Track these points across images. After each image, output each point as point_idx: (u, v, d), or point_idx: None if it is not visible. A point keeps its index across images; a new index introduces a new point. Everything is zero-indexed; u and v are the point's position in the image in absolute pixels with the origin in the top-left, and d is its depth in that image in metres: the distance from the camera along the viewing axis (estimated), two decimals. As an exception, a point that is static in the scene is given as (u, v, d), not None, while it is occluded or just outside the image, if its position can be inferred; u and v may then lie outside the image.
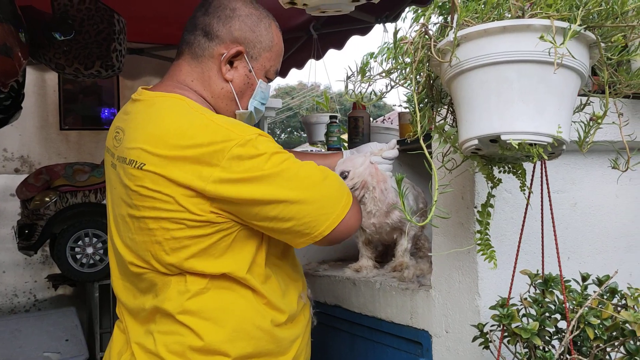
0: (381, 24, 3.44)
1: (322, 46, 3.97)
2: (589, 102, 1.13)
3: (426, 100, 1.13)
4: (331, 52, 4.36)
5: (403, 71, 1.08)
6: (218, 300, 1.30)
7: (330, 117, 2.82)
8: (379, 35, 3.38)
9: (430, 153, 1.33)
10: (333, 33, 3.82)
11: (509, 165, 1.14)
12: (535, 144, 0.97)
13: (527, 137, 0.96)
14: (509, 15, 1.01)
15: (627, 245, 1.61)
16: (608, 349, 1.09)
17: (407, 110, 2.65)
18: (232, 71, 1.39)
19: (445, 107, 1.20)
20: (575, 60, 0.95)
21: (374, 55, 1.15)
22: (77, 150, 4.82)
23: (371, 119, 2.87)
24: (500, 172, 1.15)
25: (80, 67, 2.64)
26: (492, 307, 1.20)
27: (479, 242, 1.13)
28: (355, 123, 2.59)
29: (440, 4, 1.02)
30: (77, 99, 4.87)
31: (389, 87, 1.09)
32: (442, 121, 1.16)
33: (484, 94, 0.98)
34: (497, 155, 1.08)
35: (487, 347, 1.24)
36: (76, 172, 3.90)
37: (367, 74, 1.04)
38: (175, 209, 1.22)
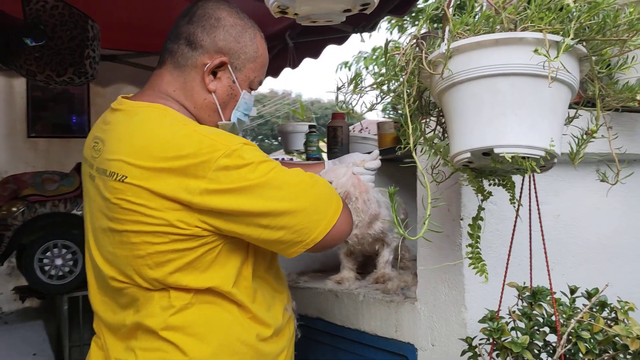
0: (358, 34, 3.45)
1: (298, 55, 3.96)
2: (577, 115, 1.13)
3: (416, 112, 1.11)
4: (306, 61, 4.35)
5: (393, 82, 1.06)
6: (203, 316, 1.27)
7: (310, 126, 2.80)
8: (356, 44, 3.38)
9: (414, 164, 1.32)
10: (309, 42, 3.80)
11: (499, 178, 1.13)
12: (527, 157, 0.96)
13: (520, 151, 0.95)
14: (499, 28, 1.01)
15: (608, 257, 1.62)
16: (598, 363, 1.09)
17: (386, 119, 2.65)
18: (215, 82, 1.35)
19: (434, 119, 1.19)
20: (567, 74, 0.95)
21: (348, 64, 1.14)
22: (45, 159, 4.70)
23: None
24: (490, 184, 1.14)
25: (52, 74, 2.56)
26: (482, 321, 1.19)
27: (470, 255, 1.12)
28: (334, 133, 2.57)
29: (431, 15, 1.00)
30: (46, 106, 4.75)
31: (378, 98, 1.07)
32: (432, 133, 1.14)
33: (477, 107, 0.98)
34: (489, 168, 1.08)
35: (475, 361, 1.23)
36: (45, 181, 3.80)
37: (359, 85, 1.02)
38: (159, 222, 1.18)
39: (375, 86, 1.03)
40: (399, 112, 1.07)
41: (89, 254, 1.37)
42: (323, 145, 2.89)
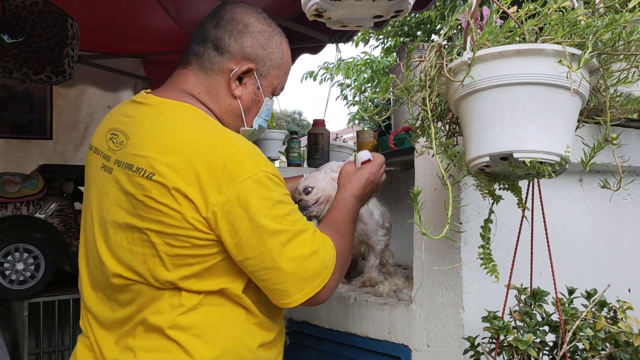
0: (334, 44, 3.50)
1: (271, 62, 3.96)
2: (580, 125, 1.20)
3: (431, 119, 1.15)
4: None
5: (413, 90, 1.10)
6: (211, 317, 1.25)
7: (291, 132, 2.83)
8: (331, 52, 3.43)
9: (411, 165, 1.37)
10: (283, 50, 3.82)
11: (508, 183, 1.18)
12: (544, 162, 1.02)
13: (538, 156, 1.00)
14: (518, 40, 1.06)
15: (590, 262, 1.71)
16: None
17: (365, 129, 2.70)
18: (240, 88, 1.36)
19: (445, 125, 1.23)
20: (582, 85, 1.01)
21: (313, 74, 1.17)
22: (3, 160, 4.52)
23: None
24: (500, 188, 1.19)
25: (29, 72, 2.49)
26: (485, 320, 1.24)
27: (481, 256, 1.17)
28: (315, 139, 2.60)
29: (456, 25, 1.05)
30: (6, 106, 4.59)
31: (397, 105, 1.11)
32: (446, 138, 1.19)
33: (499, 114, 1.03)
34: (502, 173, 1.13)
35: (477, 359, 1.27)
36: (6, 183, 3.66)
37: (388, 90, 1.06)
38: (182, 225, 1.17)
39: (399, 91, 1.07)
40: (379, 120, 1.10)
41: (90, 247, 1.33)
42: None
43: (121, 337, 1.29)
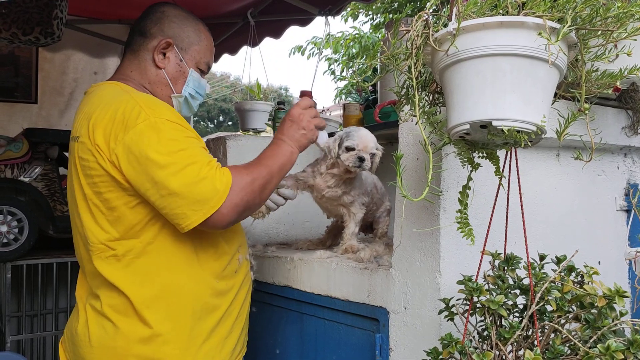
0: (323, 17, 3.50)
1: (259, 34, 3.96)
2: (557, 98, 1.25)
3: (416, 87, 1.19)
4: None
5: (399, 58, 1.14)
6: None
7: (279, 103, 2.85)
8: (319, 26, 3.43)
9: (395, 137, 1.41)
10: (271, 21, 3.82)
11: (487, 151, 1.24)
12: (521, 131, 1.07)
13: (516, 125, 1.05)
14: (501, 12, 1.11)
15: (564, 234, 1.78)
16: (562, 321, 1.22)
17: (351, 102, 2.73)
18: (164, 60, 1.65)
19: (429, 94, 1.28)
20: (560, 58, 1.06)
21: (301, 49, 1.21)
22: (-12, 123, 4.51)
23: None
24: (479, 157, 1.24)
25: (18, 32, 2.49)
26: (460, 282, 1.30)
27: (458, 220, 1.22)
28: (302, 110, 2.62)
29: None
30: (-10, 68, 4.54)
31: (383, 72, 1.15)
32: (430, 107, 1.23)
33: (479, 83, 1.07)
34: (482, 141, 1.18)
35: (452, 319, 1.33)
36: (-10, 145, 3.64)
37: (376, 57, 1.10)
38: (101, 173, 1.49)
39: (385, 59, 1.11)
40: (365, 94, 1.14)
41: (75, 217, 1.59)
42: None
43: (91, 286, 1.57)
